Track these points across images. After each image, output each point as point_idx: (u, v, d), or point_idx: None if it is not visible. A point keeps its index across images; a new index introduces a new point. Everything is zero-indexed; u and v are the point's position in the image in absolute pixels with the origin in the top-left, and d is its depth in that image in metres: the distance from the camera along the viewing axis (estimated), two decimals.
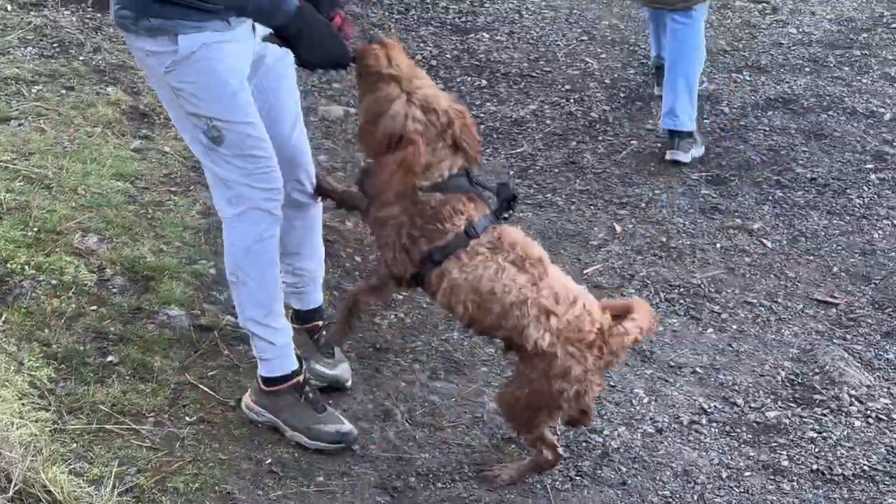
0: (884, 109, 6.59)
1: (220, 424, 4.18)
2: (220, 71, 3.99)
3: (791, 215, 5.78)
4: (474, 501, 4.12)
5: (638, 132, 6.71)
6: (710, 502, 4.28)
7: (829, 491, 4.39)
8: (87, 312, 4.45)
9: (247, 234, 4.13)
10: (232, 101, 4.03)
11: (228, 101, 4.02)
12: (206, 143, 4.03)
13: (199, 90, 3.97)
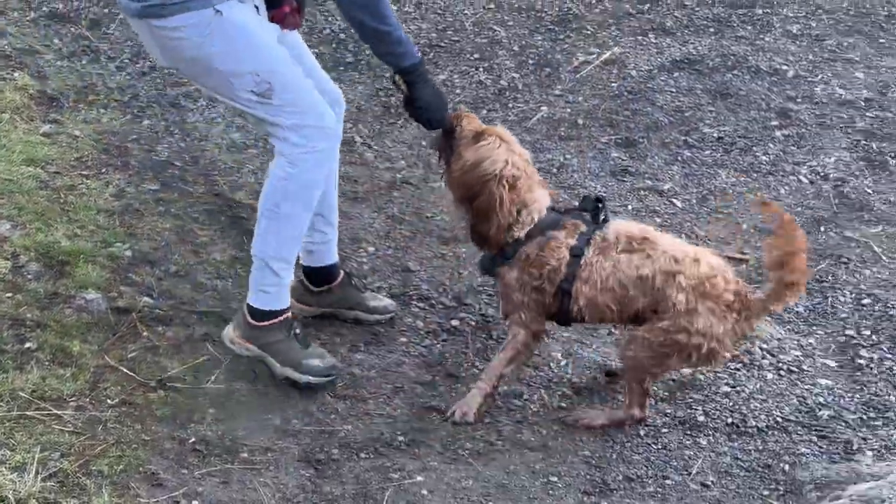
0: (787, 67, 6.75)
1: (142, 406, 4.18)
2: (254, 25, 4.33)
3: (700, 174, 5.92)
4: (398, 470, 4.17)
5: (547, 98, 6.81)
6: (629, 460, 4.35)
7: (743, 443, 4.51)
8: (2, 300, 4.46)
9: (306, 173, 4.41)
10: (271, 51, 4.37)
11: (268, 52, 4.35)
12: (258, 98, 4.33)
13: (241, 47, 4.28)
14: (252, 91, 4.28)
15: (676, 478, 4.27)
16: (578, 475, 4.24)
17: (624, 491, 4.18)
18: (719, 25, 7.13)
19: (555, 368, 4.91)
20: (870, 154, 6.04)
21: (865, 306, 5.18)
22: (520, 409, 4.61)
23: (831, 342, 5.07)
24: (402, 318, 5.07)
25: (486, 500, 4.06)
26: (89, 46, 6.25)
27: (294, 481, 4.02)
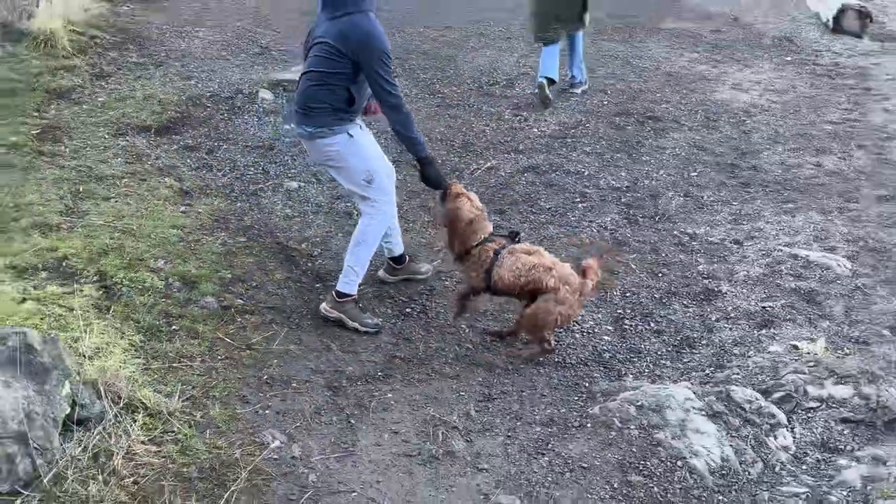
0: (584, 169, 6.87)
1: (237, 360, 4.19)
2: (367, 142, 4.69)
3: (538, 228, 5.99)
4: (377, 390, 4.18)
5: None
6: (502, 382, 4.36)
7: (564, 372, 4.55)
8: (159, 303, 4.46)
9: (380, 224, 4.73)
10: (376, 157, 4.71)
11: (374, 158, 4.69)
12: (365, 184, 4.63)
13: (362, 156, 4.60)
14: (363, 179, 4.62)
15: (528, 392, 4.32)
16: (475, 391, 4.29)
17: (500, 399, 4.22)
18: (547, 148, 7.23)
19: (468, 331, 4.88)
20: (629, 216, 6.16)
21: (627, 297, 5.26)
22: (444, 356, 4.60)
23: (609, 316, 5.08)
24: (378, 307, 5.01)
25: (425, 404, 4.11)
26: (207, 163, 6.27)
27: (321, 398, 4.07)
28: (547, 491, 3.51)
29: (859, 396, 4.03)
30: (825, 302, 5.07)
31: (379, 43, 4.33)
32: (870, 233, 5.94)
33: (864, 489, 3.50)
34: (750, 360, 4.50)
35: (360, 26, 4.34)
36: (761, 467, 3.72)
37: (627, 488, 3.53)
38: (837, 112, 8.19)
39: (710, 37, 10.53)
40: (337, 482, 3.48)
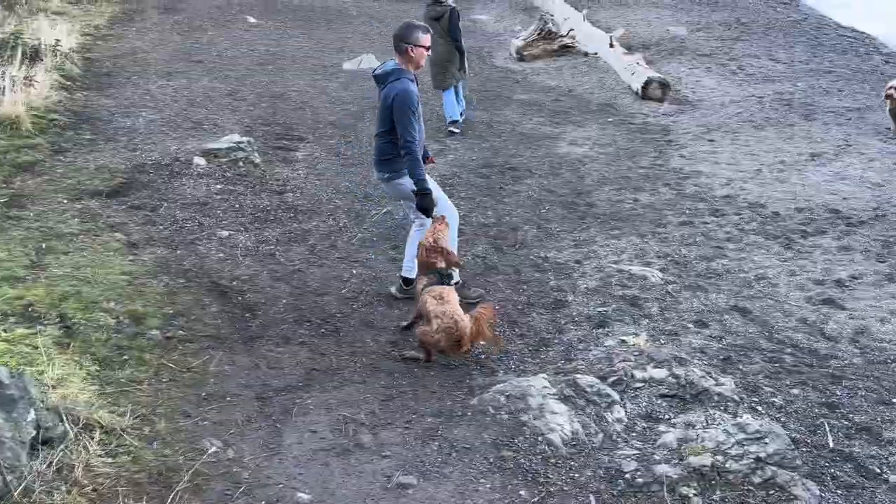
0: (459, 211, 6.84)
1: (180, 382, 4.03)
2: (429, 180, 4.82)
3: None
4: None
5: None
6: (399, 381, 4.32)
7: (450, 372, 4.48)
8: (112, 338, 4.27)
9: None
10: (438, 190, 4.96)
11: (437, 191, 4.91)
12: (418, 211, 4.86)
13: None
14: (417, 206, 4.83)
15: (421, 390, 4.26)
16: (379, 392, 4.22)
17: (399, 398, 4.17)
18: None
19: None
20: (496, 246, 6.20)
21: (497, 309, 5.24)
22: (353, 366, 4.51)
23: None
24: (298, 329, 4.86)
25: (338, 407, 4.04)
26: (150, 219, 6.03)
27: (251, 408, 3.94)
28: (438, 469, 3.48)
29: (672, 376, 4.14)
30: (645, 305, 5.23)
31: (402, 102, 4.53)
32: (674, 250, 6.17)
33: (679, 448, 3.59)
34: (591, 353, 4.58)
35: (395, 89, 4.57)
36: (602, 437, 3.78)
37: (501, 462, 3.54)
38: (648, 159, 8.49)
39: (551, 105, 10.79)
40: (266, 477, 3.37)
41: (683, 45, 13.40)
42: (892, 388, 4.28)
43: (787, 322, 5.05)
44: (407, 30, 4.69)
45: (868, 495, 3.44)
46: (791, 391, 4.21)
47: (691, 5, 16.90)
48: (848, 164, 8.07)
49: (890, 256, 5.97)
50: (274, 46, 12.95)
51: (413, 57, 4.69)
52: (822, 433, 3.85)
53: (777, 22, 15.32)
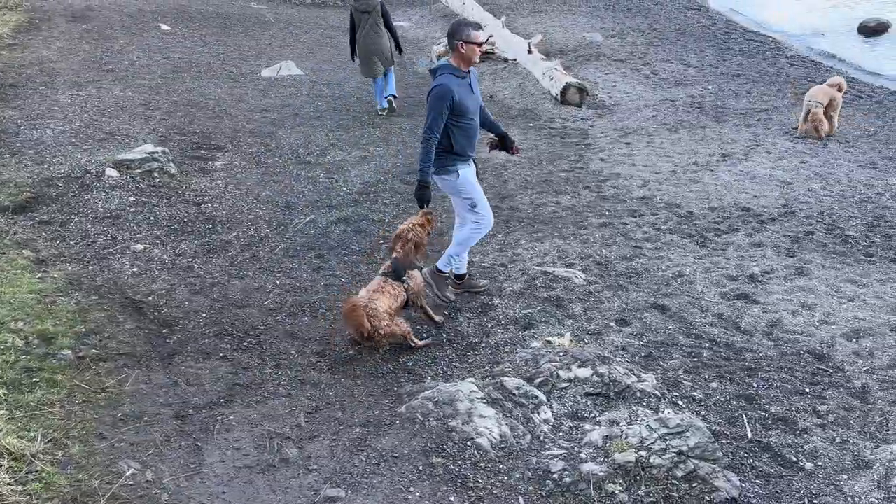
0: (385, 217, 6.87)
1: (94, 403, 3.85)
2: (471, 177, 5.00)
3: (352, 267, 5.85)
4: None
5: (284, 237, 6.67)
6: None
7: (377, 380, 4.46)
8: (20, 359, 4.04)
9: (478, 234, 5.14)
10: (477, 189, 5.05)
11: (476, 189, 5.03)
12: (471, 207, 5.04)
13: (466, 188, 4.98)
14: (469, 205, 5.03)
15: (349, 400, 4.17)
16: (304, 405, 4.14)
17: (325, 410, 4.07)
18: (355, 202, 7.20)
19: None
20: None
21: None
22: (277, 379, 4.41)
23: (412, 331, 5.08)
24: (219, 343, 4.73)
25: (262, 422, 3.92)
26: (60, 234, 5.79)
27: (170, 428, 3.78)
28: (366, 480, 3.42)
29: (596, 375, 4.19)
30: (569, 305, 5.29)
31: (435, 96, 4.67)
32: (596, 251, 6.27)
33: (604, 445, 3.63)
34: (517, 356, 4.59)
35: (435, 83, 4.73)
36: (530, 438, 3.79)
37: (430, 469, 3.50)
38: (568, 163, 8.63)
39: None
40: (187, 498, 3.24)
41: (599, 51, 13.71)
42: (805, 378, 4.45)
43: (704, 318, 5.19)
44: (458, 27, 4.76)
45: (785, 484, 3.55)
46: (710, 385, 4.33)
47: (605, 12, 17.33)
48: (757, 164, 8.40)
49: (799, 251, 6.23)
50: (189, 54, 12.62)
51: (464, 53, 4.75)
52: (740, 425, 3.97)
53: (688, 27, 15.87)
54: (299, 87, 11.48)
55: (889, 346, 4.77)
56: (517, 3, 18.08)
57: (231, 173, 7.72)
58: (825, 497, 3.47)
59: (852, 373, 4.51)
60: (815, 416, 4.07)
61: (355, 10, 9.79)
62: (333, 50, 14.59)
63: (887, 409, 4.13)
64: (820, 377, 4.46)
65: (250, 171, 7.87)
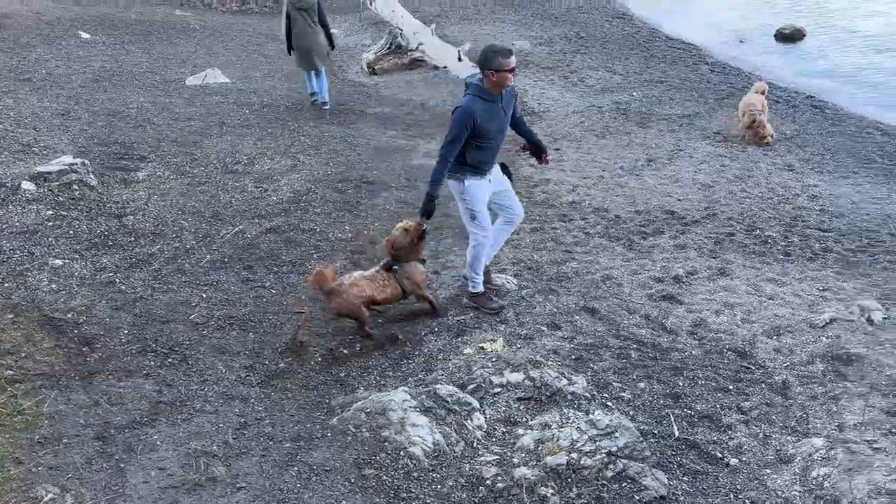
0: (316, 227, 6.77)
1: (10, 426, 3.68)
2: (476, 188, 4.97)
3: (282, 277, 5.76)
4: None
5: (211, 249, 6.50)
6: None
7: (313, 392, 4.39)
8: None
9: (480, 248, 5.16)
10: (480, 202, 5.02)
11: (479, 202, 5.02)
12: (470, 217, 5.07)
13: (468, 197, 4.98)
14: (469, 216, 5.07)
15: (279, 415, 4.11)
16: (232, 421, 4.05)
17: (254, 425, 4.02)
18: (285, 212, 7.10)
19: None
20: (354, 261, 6.16)
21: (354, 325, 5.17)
22: (203, 395, 4.28)
23: (343, 342, 4.99)
24: (142, 360, 4.59)
25: (188, 440, 3.82)
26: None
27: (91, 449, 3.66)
28: (297, 496, 3.36)
29: (528, 379, 4.22)
30: (501, 311, 5.32)
31: (457, 115, 4.72)
32: (527, 256, 6.34)
33: (536, 449, 3.66)
34: (450, 363, 4.59)
35: (460, 101, 4.78)
36: (463, 445, 3.79)
37: (363, 481, 3.46)
38: None
39: (404, 118, 10.86)
40: None
41: (528, 59, 13.90)
42: (728, 375, 4.59)
43: (632, 319, 5.30)
44: (489, 56, 4.72)
45: (711, 480, 3.64)
46: (638, 385, 4.41)
47: (533, 20, 17.59)
48: (680, 168, 8.64)
49: (721, 252, 6.42)
50: (110, 63, 12.23)
51: (494, 80, 4.74)
52: (667, 423, 4.05)
53: (613, 36, 16.24)
54: (226, 95, 11.26)
55: (807, 342, 4.96)
56: (446, 12, 18.20)
57: (154, 184, 7.51)
58: (750, 492, 3.57)
59: (773, 369, 4.67)
60: (739, 413, 4.19)
61: (292, 8, 10.06)
62: (261, 57, 14.37)
63: (807, 403, 4.29)
64: (742, 374, 4.60)
65: (175, 182, 7.66)
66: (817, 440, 3.86)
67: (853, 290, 5.69)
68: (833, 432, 3.98)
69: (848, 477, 3.48)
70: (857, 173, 8.76)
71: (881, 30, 16.08)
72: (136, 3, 18.26)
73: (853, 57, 14.60)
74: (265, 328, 5.05)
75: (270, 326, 5.11)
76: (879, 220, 7.25)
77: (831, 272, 6.05)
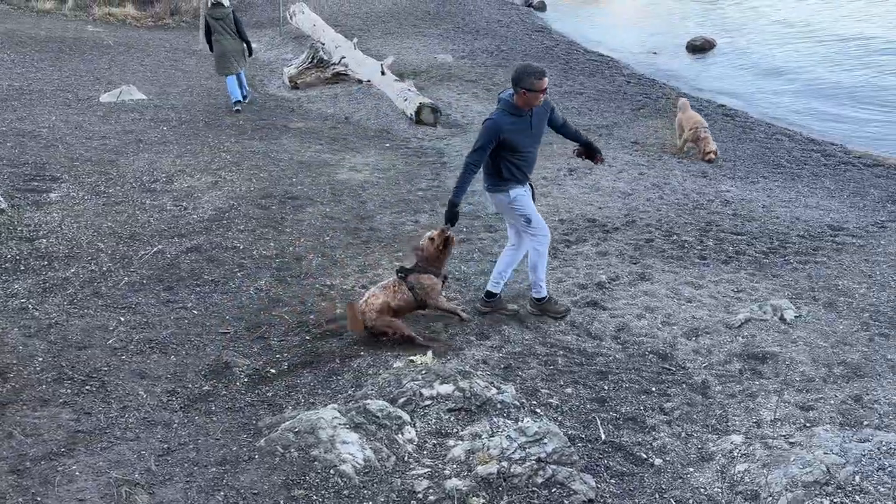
0: (239, 244, 6.64)
1: None
2: (524, 196, 5.11)
3: (204, 297, 5.63)
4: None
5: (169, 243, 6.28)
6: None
7: (238, 415, 4.28)
8: None
9: (542, 246, 5.20)
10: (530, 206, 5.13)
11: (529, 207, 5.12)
12: (525, 222, 5.14)
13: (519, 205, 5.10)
14: (524, 219, 5.13)
15: (203, 439, 4.01)
16: (155, 447, 3.91)
17: (178, 451, 3.89)
18: (206, 230, 6.93)
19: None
20: (279, 278, 6.06)
21: (283, 342, 5.08)
22: (123, 422, 4.11)
23: (270, 360, 4.91)
24: (58, 388, 4.38)
25: (108, 469, 3.67)
26: None
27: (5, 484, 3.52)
28: None
29: (458, 390, 4.22)
30: (430, 322, 5.33)
31: (486, 128, 4.85)
32: (455, 267, 6.34)
33: (467, 460, 3.67)
34: (380, 377, 4.54)
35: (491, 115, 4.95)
36: (395, 460, 3.76)
37: (292, 502, 3.40)
38: (426, 181, 8.73)
39: (329, 132, 10.79)
40: None
41: (451, 72, 14.03)
42: (651, 377, 4.71)
43: (558, 326, 5.39)
44: (522, 76, 4.82)
45: (637, 481, 3.73)
46: (565, 391, 4.49)
47: (455, 34, 17.77)
48: (601, 177, 8.86)
49: (641, 258, 6.61)
50: (19, 81, 11.77)
51: (526, 98, 4.86)
52: (594, 427, 4.13)
53: (533, 49, 16.56)
54: (142, 112, 10.97)
55: (724, 342, 5.14)
56: (369, 25, 18.20)
57: (68, 205, 7.23)
58: (674, 490, 3.67)
59: (693, 370, 4.82)
60: (662, 414, 4.31)
61: (210, 17, 11.06)
62: (179, 73, 14.06)
63: (725, 401, 4.45)
64: (664, 376, 4.74)
65: (90, 202, 7.40)
66: (736, 437, 4.00)
67: (766, 291, 5.95)
68: (751, 429, 4.14)
69: (766, 471, 3.62)
70: (767, 178, 9.17)
71: (792, 42, 16.93)
72: (47, 18, 17.62)
73: (761, 66, 15.32)
74: (187, 350, 4.92)
75: (193, 348, 4.98)
76: (789, 222, 7.60)
77: (745, 274, 6.30)
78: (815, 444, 3.76)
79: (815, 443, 3.78)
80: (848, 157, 10.21)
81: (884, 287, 6.03)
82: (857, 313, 5.56)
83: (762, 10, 20.52)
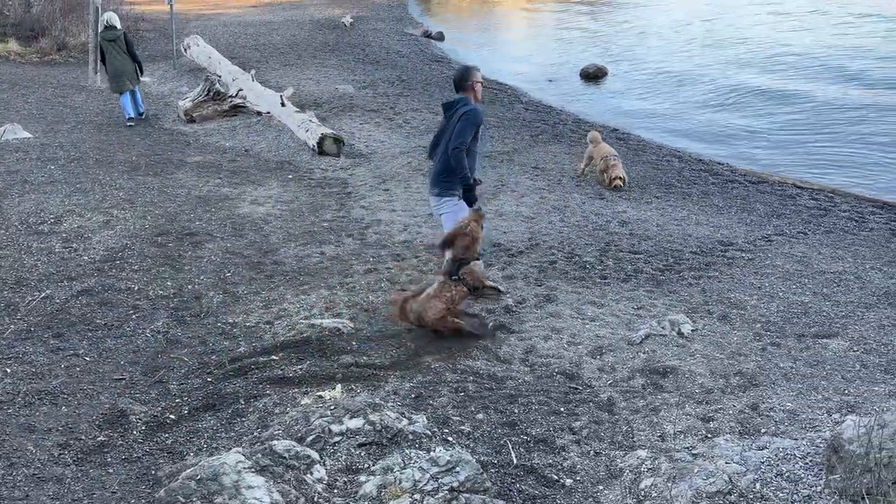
0: (133, 285, 6.36)
1: None
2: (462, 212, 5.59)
3: (97, 343, 5.37)
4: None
5: None
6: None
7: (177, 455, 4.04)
8: None
9: None
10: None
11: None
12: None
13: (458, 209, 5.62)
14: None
15: (99, 493, 3.78)
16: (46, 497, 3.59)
17: None
18: (98, 271, 6.63)
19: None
20: (178, 318, 5.83)
21: (183, 385, 4.88)
22: (11, 480, 3.80)
23: (167, 406, 4.69)
24: None
25: None
26: None
27: None
28: None
29: (368, 423, 4.14)
30: (338, 356, 5.22)
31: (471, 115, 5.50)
32: (362, 298, 6.30)
33: (379, 495, 3.59)
34: (287, 416, 4.42)
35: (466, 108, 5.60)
36: (304, 501, 3.64)
37: None
38: (330, 212, 8.64)
39: (228, 165, 10.54)
40: None
41: (352, 102, 14.01)
42: (559, 398, 4.77)
43: (468, 352, 5.39)
44: (468, 71, 5.83)
45: (549, 503, 3.74)
46: (476, 417, 4.48)
47: (356, 65, 17.80)
48: (504, 202, 9.00)
49: (545, 280, 6.73)
50: None
51: (476, 90, 5.79)
52: (506, 452, 4.13)
53: (433, 78, 16.77)
54: (27, 152, 10.42)
55: (627, 358, 5.27)
56: (266, 57, 17.99)
57: None
58: None
59: (599, 387, 4.91)
60: (571, 433, 4.36)
61: (103, 40, 11.94)
62: (67, 109, 13.47)
63: (630, 417, 4.54)
64: (572, 395, 4.80)
65: None
66: (642, 452, 4.08)
67: (664, 307, 6.15)
68: (656, 443, 4.24)
69: (671, 485, 3.69)
70: (660, 198, 9.54)
71: (677, 66, 17.81)
72: None
73: (651, 91, 16.04)
74: (79, 400, 4.64)
75: (86, 397, 4.70)
76: (681, 239, 7.92)
77: (643, 291, 6.51)
78: (717, 454, 3.88)
79: (716, 453, 3.90)
80: (734, 175, 10.77)
81: (773, 298, 6.35)
82: (750, 324, 5.82)
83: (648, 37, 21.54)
